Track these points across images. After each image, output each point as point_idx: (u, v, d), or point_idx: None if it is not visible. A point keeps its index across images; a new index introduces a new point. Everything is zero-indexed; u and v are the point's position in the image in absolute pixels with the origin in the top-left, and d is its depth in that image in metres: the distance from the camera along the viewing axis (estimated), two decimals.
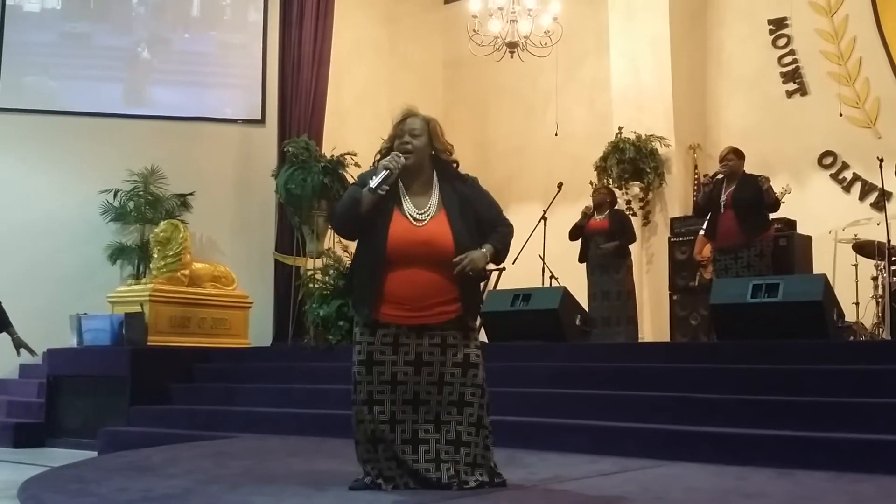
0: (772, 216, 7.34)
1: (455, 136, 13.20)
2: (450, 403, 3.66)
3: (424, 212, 3.70)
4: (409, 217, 3.68)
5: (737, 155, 7.24)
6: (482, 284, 4.12)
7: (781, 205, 7.60)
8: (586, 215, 8.47)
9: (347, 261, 6.90)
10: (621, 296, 8.34)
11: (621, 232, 8.42)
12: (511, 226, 3.90)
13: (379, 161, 3.76)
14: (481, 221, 3.80)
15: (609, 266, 8.36)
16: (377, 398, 3.66)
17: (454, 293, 3.68)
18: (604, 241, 8.35)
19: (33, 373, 8.97)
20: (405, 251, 3.64)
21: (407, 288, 3.64)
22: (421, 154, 3.75)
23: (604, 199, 8.58)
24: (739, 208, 7.00)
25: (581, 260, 8.51)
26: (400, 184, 3.73)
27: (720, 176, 7.19)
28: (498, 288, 9.47)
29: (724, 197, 7.11)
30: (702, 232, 7.90)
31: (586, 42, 10.73)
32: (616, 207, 8.72)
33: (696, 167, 9.75)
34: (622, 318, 8.31)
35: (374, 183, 3.62)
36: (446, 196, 3.75)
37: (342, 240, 5.29)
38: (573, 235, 8.53)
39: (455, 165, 3.87)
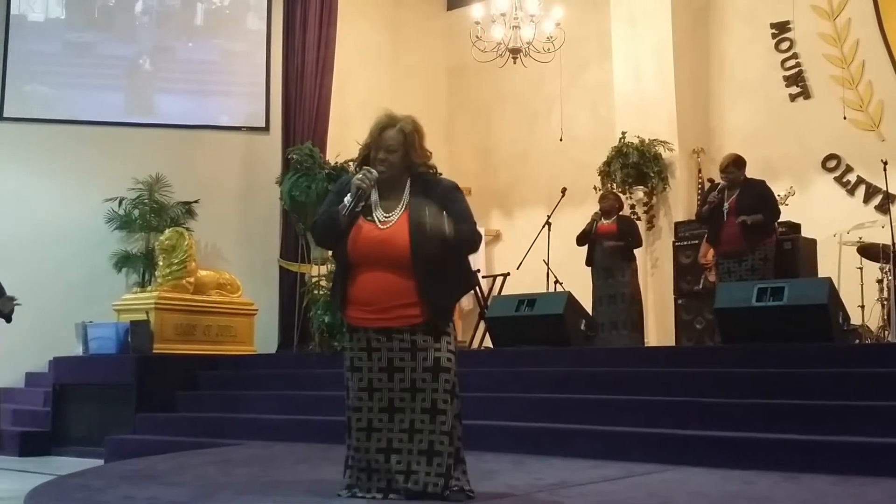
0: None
1: (459, 142, 13.30)
2: (423, 411, 3.60)
3: (390, 215, 3.68)
4: (377, 220, 3.68)
5: (737, 166, 7.30)
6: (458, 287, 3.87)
7: (786, 206, 7.63)
8: (595, 220, 8.50)
9: None
10: (626, 299, 8.35)
11: (629, 235, 8.49)
12: (475, 232, 3.74)
13: (356, 169, 3.79)
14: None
15: (614, 270, 8.38)
16: (356, 405, 3.69)
17: (415, 297, 3.60)
18: (612, 243, 8.38)
19: (39, 381, 8.99)
20: (364, 253, 3.65)
21: (367, 290, 3.64)
22: (396, 168, 3.71)
23: (612, 205, 8.65)
24: (744, 215, 7.03)
25: (588, 263, 8.52)
26: (375, 190, 3.72)
27: (722, 185, 7.24)
28: (503, 293, 9.49)
29: (726, 205, 7.15)
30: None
31: (589, 47, 10.73)
32: (622, 213, 8.77)
33: (699, 171, 9.74)
34: (628, 323, 8.32)
35: (347, 202, 3.64)
36: (414, 200, 3.69)
37: None
38: (581, 241, 8.55)
39: (432, 171, 3.80)
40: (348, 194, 3.67)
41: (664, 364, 6.25)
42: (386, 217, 3.68)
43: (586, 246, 8.54)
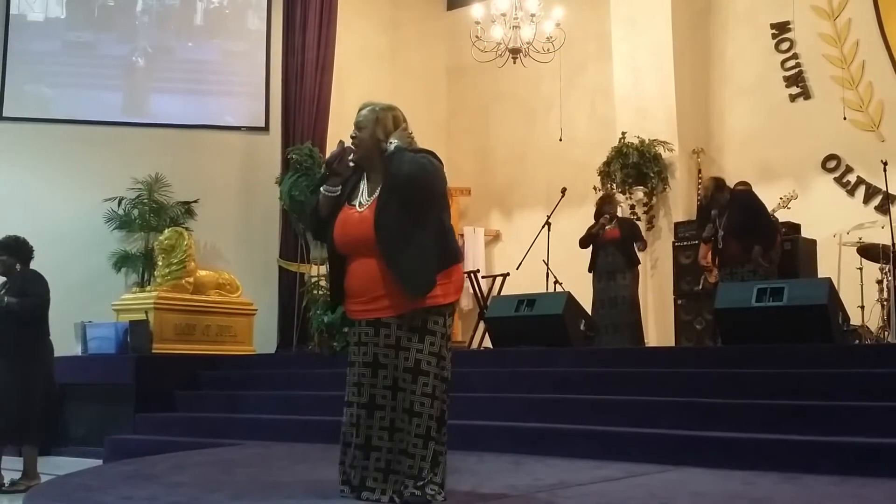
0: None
1: (458, 142, 13.29)
2: (403, 411, 3.53)
3: (370, 198, 3.63)
4: (359, 205, 3.63)
5: (719, 189, 7.33)
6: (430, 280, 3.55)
7: (788, 210, 7.63)
8: (605, 224, 8.40)
9: None
10: (626, 302, 8.31)
11: (633, 238, 8.45)
12: (425, 161, 3.53)
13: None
14: (403, 195, 3.54)
15: (616, 274, 8.32)
16: (350, 400, 3.66)
17: (396, 286, 3.50)
18: (615, 250, 8.31)
19: None
20: (346, 239, 3.62)
21: (354, 279, 3.60)
22: (366, 145, 3.65)
23: (614, 210, 8.56)
24: (739, 234, 7.07)
25: (591, 269, 8.45)
26: (364, 175, 3.69)
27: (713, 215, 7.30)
28: (502, 293, 9.49)
29: (721, 232, 7.20)
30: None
31: (588, 47, 10.73)
32: (619, 216, 8.73)
33: (699, 172, 9.74)
34: (627, 327, 8.26)
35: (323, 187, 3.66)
36: (386, 181, 3.60)
37: None
38: (585, 243, 8.48)
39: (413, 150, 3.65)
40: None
41: (664, 364, 6.24)
42: (366, 201, 3.63)
43: (590, 249, 8.48)
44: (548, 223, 8.89)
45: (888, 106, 9.03)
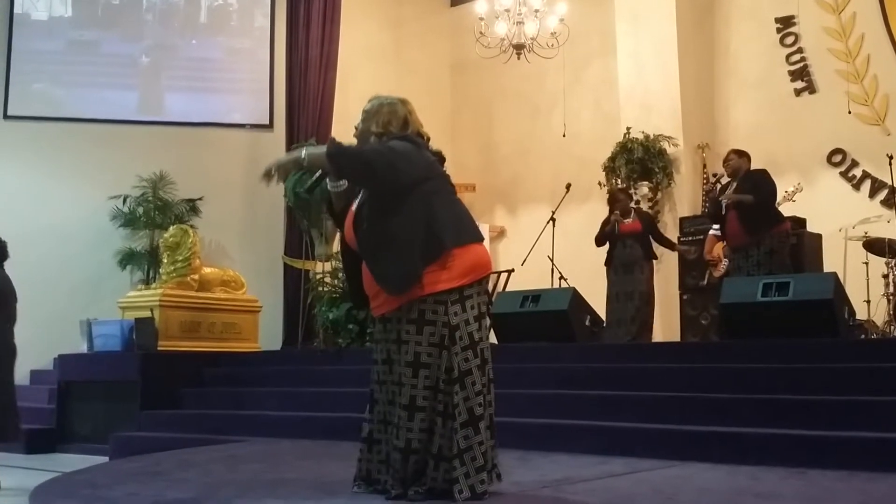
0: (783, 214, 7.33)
1: (462, 138, 13.28)
2: (402, 407, 3.38)
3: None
4: (355, 202, 3.60)
5: (738, 154, 7.25)
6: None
7: (793, 202, 7.59)
8: (616, 222, 8.33)
9: None
10: (642, 297, 8.24)
11: (653, 229, 8.41)
12: (374, 150, 3.44)
13: None
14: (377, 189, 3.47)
15: (634, 267, 8.26)
16: (375, 398, 3.61)
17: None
18: (634, 242, 8.23)
19: (44, 379, 9.00)
20: (349, 237, 3.60)
21: (364, 277, 3.55)
22: (362, 138, 3.64)
23: (627, 204, 8.49)
24: (740, 207, 6.99)
25: (607, 262, 8.40)
26: None
27: (725, 180, 7.20)
28: (507, 290, 9.49)
29: (725, 200, 7.11)
30: (712, 232, 7.88)
31: (593, 43, 10.72)
32: (637, 207, 8.66)
33: (704, 167, 9.74)
34: (637, 320, 8.20)
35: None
36: None
37: None
38: (601, 242, 8.41)
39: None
40: None
41: (669, 360, 6.23)
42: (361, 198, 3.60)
43: (606, 244, 8.42)
44: (552, 219, 8.88)
45: (893, 99, 9.01)
